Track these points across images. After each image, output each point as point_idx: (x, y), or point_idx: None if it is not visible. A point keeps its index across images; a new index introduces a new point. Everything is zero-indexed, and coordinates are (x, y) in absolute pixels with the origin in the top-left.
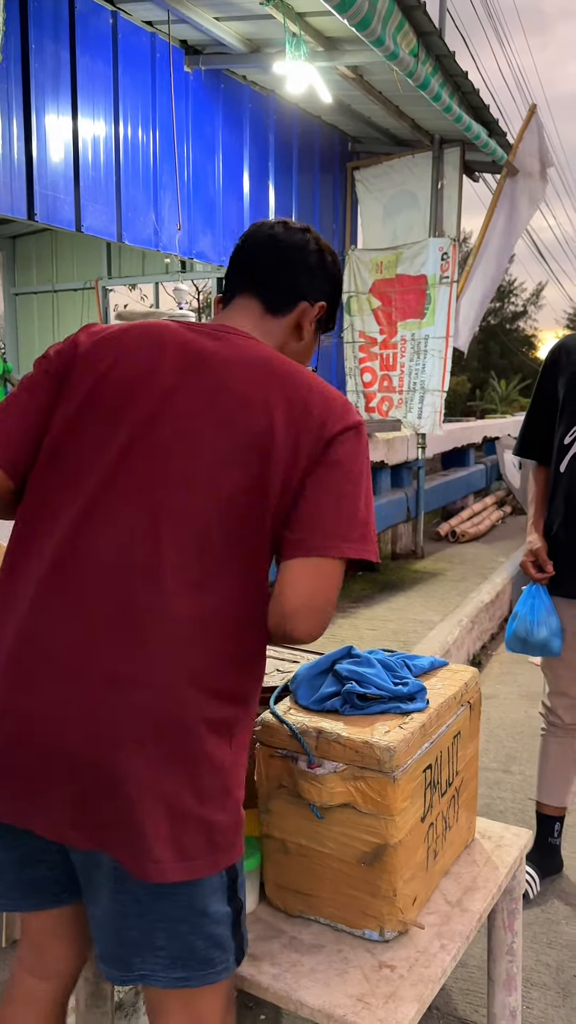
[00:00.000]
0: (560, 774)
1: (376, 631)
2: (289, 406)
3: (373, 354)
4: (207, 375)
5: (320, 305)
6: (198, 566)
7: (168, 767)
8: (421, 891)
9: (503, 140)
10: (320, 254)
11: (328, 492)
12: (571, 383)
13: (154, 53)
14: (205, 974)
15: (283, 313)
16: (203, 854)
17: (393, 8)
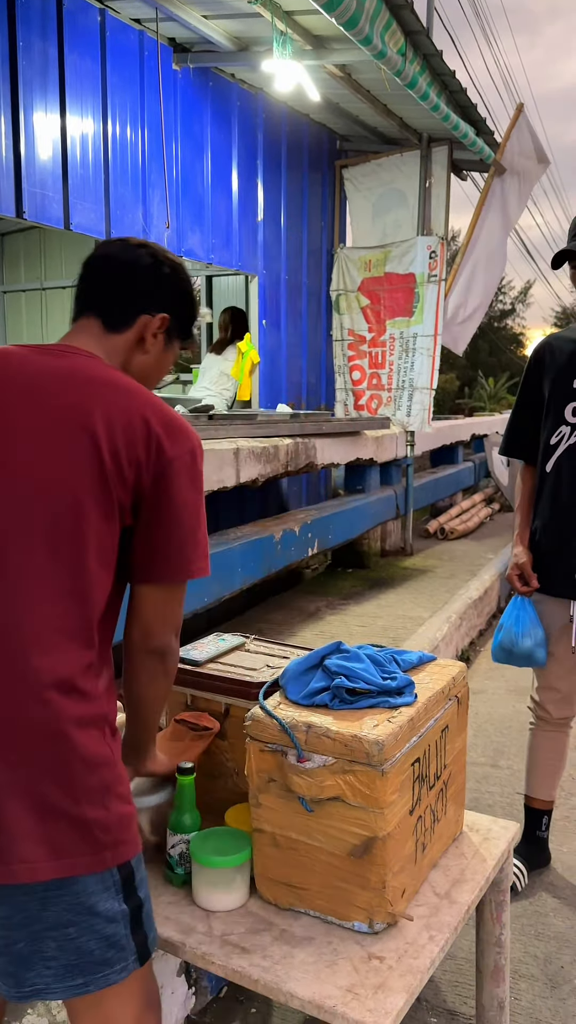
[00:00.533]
0: (548, 768)
1: (366, 628)
2: (115, 417)
3: (362, 352)
4: (38, 391)
5: (161, 317)
6: (42, 573)
7: (31, 768)
8: (410, 883)
9: (491, 139)
10: (156, 267)
11: (172, 519)
12: (556, 382)
13: (142, 51)
14: (104, 975)
15: (123, 329)
16: (81, 852)
17: (381, 7)
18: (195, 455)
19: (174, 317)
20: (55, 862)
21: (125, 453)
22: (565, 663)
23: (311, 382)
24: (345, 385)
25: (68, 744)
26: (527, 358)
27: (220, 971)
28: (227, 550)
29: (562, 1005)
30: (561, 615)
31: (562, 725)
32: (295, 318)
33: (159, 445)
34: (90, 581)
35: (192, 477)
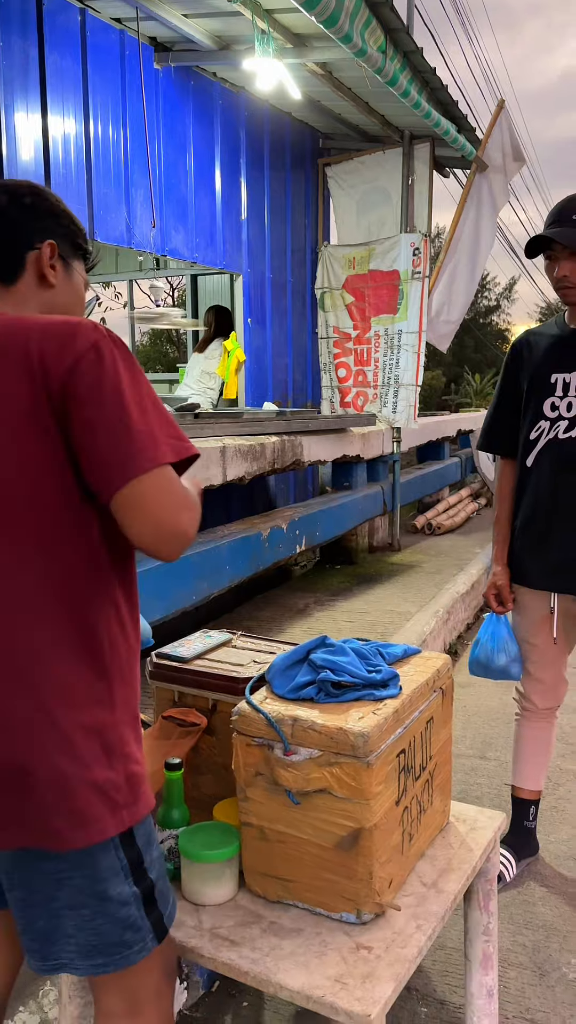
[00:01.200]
0: (534, 758)
1: (354, 623)
2: (25, 361)
3: (347, 349)
4: None
5: (48, 244)
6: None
7: (39, 743)
8: (397, 874)
9: (472, 136)
10: (16, 199)
11: (95, 424)
12: (534, 378)
13: (123, 50)
14: (123, 955)
15: (17, 276)
16: (100, 816)
17: (360, 5)
18: (99, 347)
19: (59, 239)
20: (81, 830)
21: (40, 385)
22: (547, 654)
23: (297, 380)
24: (331, 382)
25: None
26: (506, 354)
27: (210, 964)
28: (215, 548)
29: (550, 992)
30: (541, 607)
31: (547, 715)
32: (280, 316)
33: (57, 357)
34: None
35: (103, 369)
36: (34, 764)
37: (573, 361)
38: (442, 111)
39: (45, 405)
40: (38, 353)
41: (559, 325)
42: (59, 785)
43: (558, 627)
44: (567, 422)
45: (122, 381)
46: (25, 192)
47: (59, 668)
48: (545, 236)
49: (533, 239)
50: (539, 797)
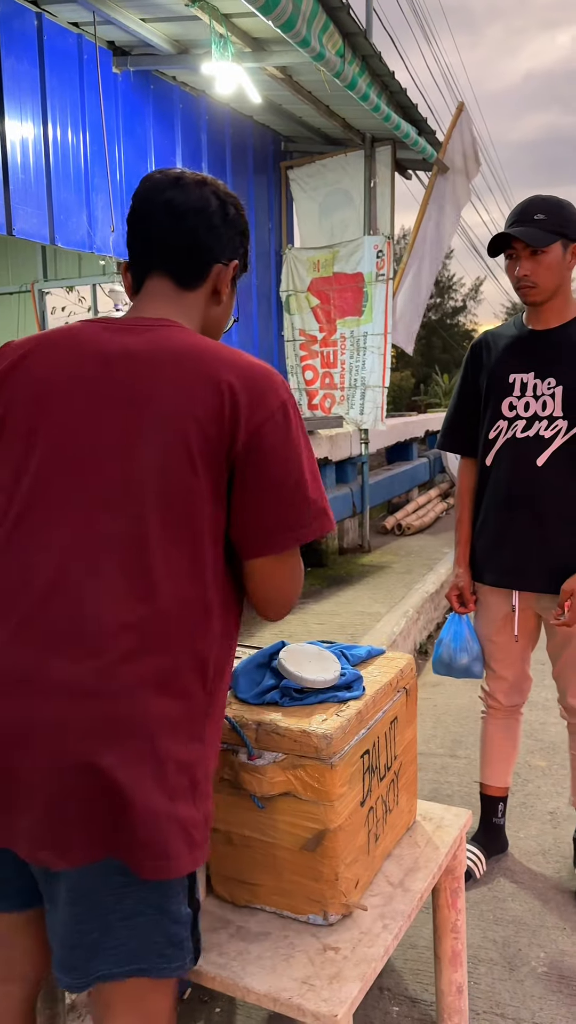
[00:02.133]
0: (501, 755)
1: (324, 625)
2: (215, 397)
3: (314, 352)
4: (129, 379)
5: (234, 265)
6: (137, 573)
7: (135, 768)
8: (363, 874)
9: (433, 138)
10: (223, 208)
11: (269, 485)
12: (492, 378)
13: (81, 54)
14: (162, 968)
15: (198, 284)
16: (182, 852)
17: (317, 9)
18: (286, 409)
19: (241, 259)
20: (161, 862)
21: (213, 429)
22: (510, 652)
23: None
24: (298, 385)
25: (161, 742)
26: (466, 354)
27: None
28: None
29: (520, 987)
30: (502, 605)
31: (512, 713)
32: (246, 319)
33: (249, 411)
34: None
35: (287, 433)
36: (127, 785)
37: (531, 361)
38: (402, 114)
39: (224, 447)
40: (230, 394)
41: (517, 326)
42: (149, 815)
43: (519, 625)
44: (524, 422)
45: (296, 449)
46: (229, 201)
47: (177, 692)
48: (506, 235)
49: (495, 238)
50: (507, 794)
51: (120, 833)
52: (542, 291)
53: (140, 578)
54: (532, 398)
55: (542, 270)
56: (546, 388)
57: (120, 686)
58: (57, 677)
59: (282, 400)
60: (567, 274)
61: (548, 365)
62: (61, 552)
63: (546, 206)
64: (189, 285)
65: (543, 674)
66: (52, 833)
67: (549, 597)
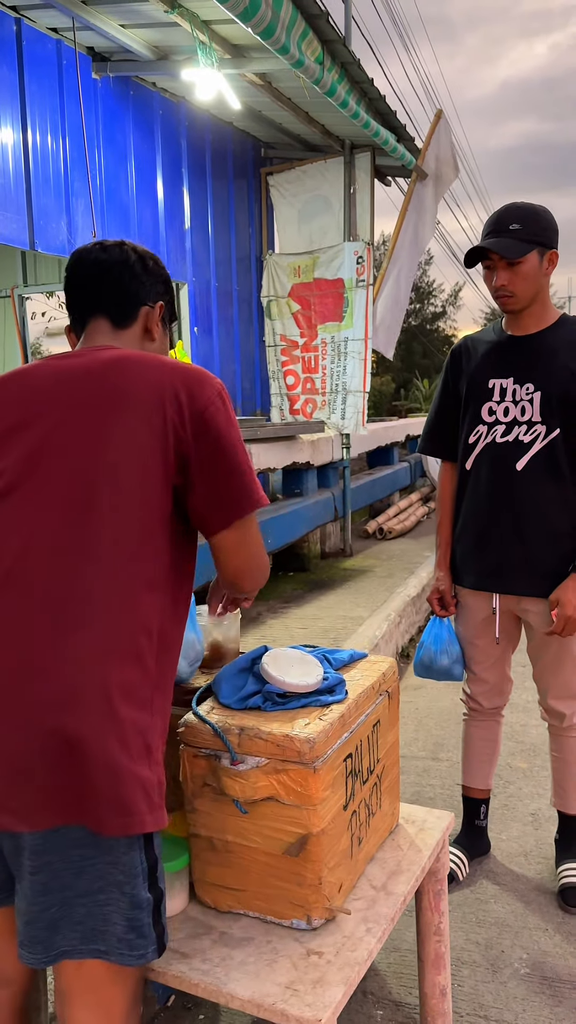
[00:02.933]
0: (483, 758)
1: (307, 629)
2: (160, 388)
3: (295, 357)
4: (80, 385)
5: (159, 305)
6: (104, 552)
7: (96, 727)
8: (346, 878)
9: (412, 145)
10: (143, 261)
11: (222, 461)
12: (472, 383)
13: (60, 60)
14: (122, 955)
15: (130, 323)
16: (142, 810)
17: (296, 16)
18: (223, 396)
19: (166, 304)
20: (123, 818)
21: (171, 419)
22: (491, 654)
23: (245, 388)
24: (280, 390)
25: (121, 706)
26: (446, 359)
27: (160, 977)
28: None
29: (503, 988)
30: (483, 608)
31: (494, 715)
32: (227, 325)
33: (190, 400)
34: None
35: (228, 415)
36: (92, 743)
37: (510, 366)
38: (381, 121)
39: (172, 436)
40: (172, 389)
41: (497, 331)
42: (112, 770)
43: (500, 627)
44: (504, 426)
45: (236, 430)
46: (147, 256)
47: (128, 661)
48: (483, 247)
49: (471, 250)
50: (489, 796)
51: (83, 791)
52: (520, 300)
53: (90, 559)
54: (511, 403)
55: (519, 280)
56: (524, 393)
57: (73, 654)
58: (16, 647)
59: (217, 388)
60: (544, 281)
61: (527, 370)
62: (24, 536)
63: (521, 215)
64: (123, 324)
65: (523, 676)
66: (15, 795)
67: (529, 600)
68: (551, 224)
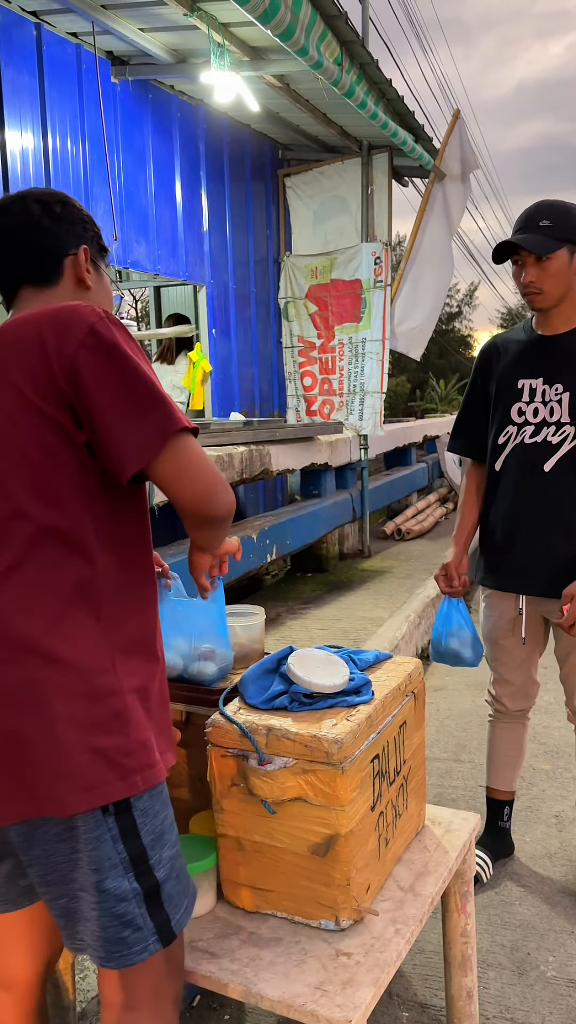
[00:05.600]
0: (507, 760)
1: (327, 630)
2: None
3: (312, 358)
4: None
5: (83, 249)
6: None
7: (33, 716)
8: (374, 879)
9: (429, 145)
10: (48, 210)
11: (113, 408)
12: (501, 382)
13: (80, 64)
14: (121, 955)
15: (57, 280)
16: (109, 779)
17: (315, 18)
18: (95, 331)
19: (89, 243)
20: (87, 793)
21: (37, 378)
22: (516, 656)
23: (263, 390)
24: (297, 391)
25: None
26: (476, 359)
27: (189, 977)
28: (185, 560)
29: (530, 991)
30: (509, 609)
31: (519, 717)
32: (245, 326)
33: (57, 347)
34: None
35: (105, 354)
36: (31, 730)
37: (539, 367)
38: (399, 121)
39: (54, 389)
40: (40, 339)
41: (527, 331)
42: (58, 750)
43: (527, 629)
44: (533, 427)
45: (123, 358)
46: (55, 201)
47: (57, 640)
48: (512, 242)
49: (500, 245)
50: (513, 798)
51: (36, 777)
52: (548, 297)
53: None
54: (540, 403)
55: (548, 277)
56: (554, 394)
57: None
58: None
59: (88, 324)
60: (574, 279)
61: (556, 371)
62: None
63: (552, 212)
64: (49, 282)
65: (545, 677)
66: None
67: (554, 601)
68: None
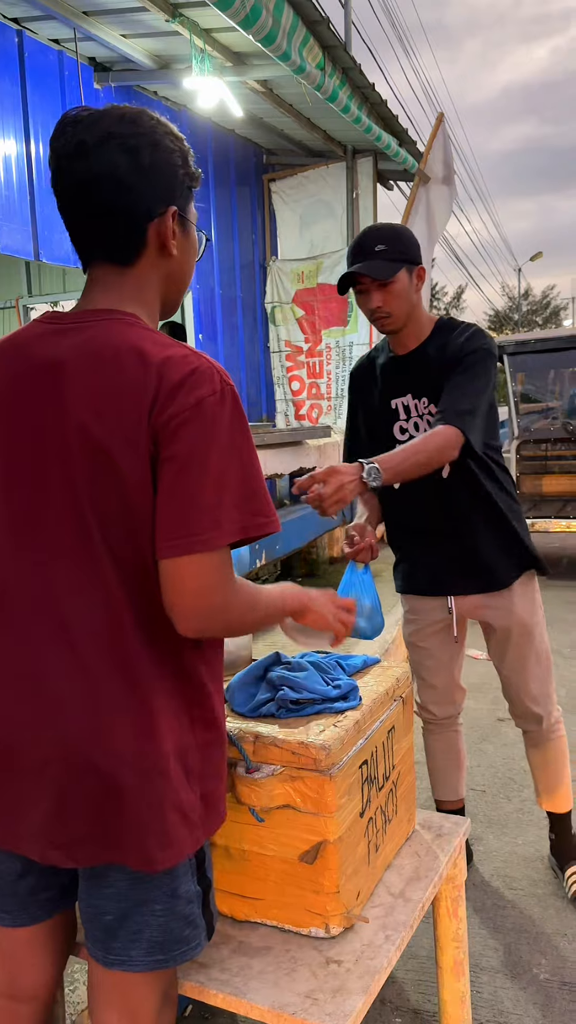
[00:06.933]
0: (449, 769)
1: None
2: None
3: (300, 362)
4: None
5: (171, 212)
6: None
7: (133, 766)
8: (364, 885)
9: (414, 149)
10: (135, 160)
11: (167, 489)
12: (374, 405)
13: (62, 70)
14: (182, 952)
15: (139, 255)
16: (182, 837)
17: (297, 23)
18: (202, 406)
19: (181, 194)
20: (167, 851)
21: (138, 441)
22: (440, 658)
23: (251, 394)
24: (285, 396)
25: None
26: (349, 381)
27: (180, 989)
28: None
29: (523, 994)
30: (436, 611)
31: (449, 725)
32: (232, 331)
33: (160, 405)
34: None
35: (196, 434)
36: (129, 782)
37: (403, 385)
38: (383, 125)
39: (146, 439)
40: (160, 395)
41: (385, 352)
42: (153, 806)
43: (458, 625)
44: None
45: (211, 447)
46: (145, 143)
47: (164, 690)
48: (353, 272)
49: (342, 277)
50: (463, 804)
51: (122, 832)
52: (397, 319)
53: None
54: (418, 418)
55: (393, 299)
56: (424, 407)
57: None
58: (52, 678)
59: (198, 396)
60: (417, 297)
61: (419, 386)
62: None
63: (383, 236)
64: (129, 260)
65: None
66: (61, 831)
67: (485, 596)
68: (413, 241)
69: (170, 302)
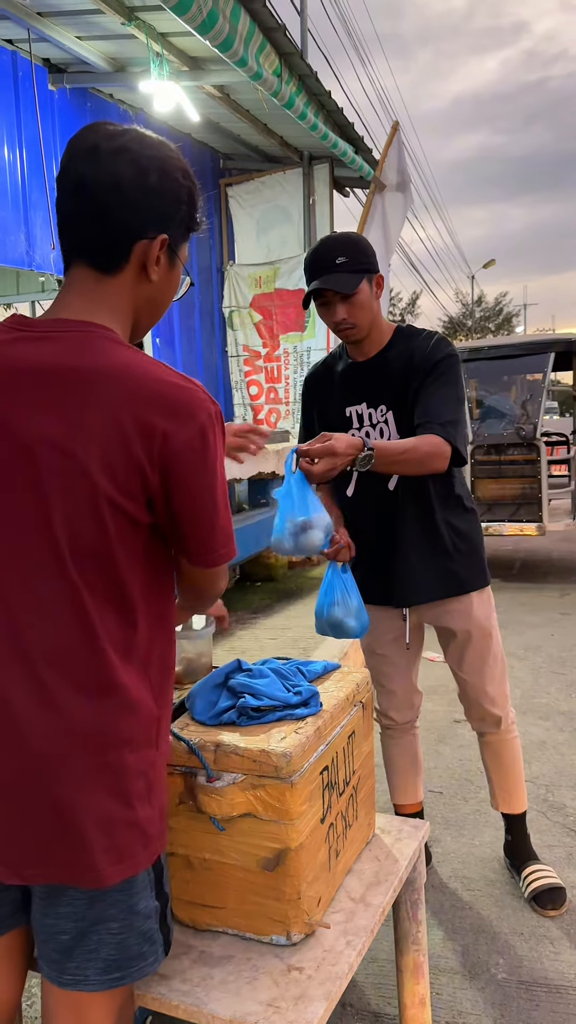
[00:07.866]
0: (407, 774)
1: (277, 640)
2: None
3: (258, 367)
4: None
5: (161, 239)
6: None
7: (94, 783)
8: (325, 891)
9: (369, 156)
10: (141, 178)
11: (186, 513)
12: (328, 413)
13: (16, 71)
14: (139, 968)
15: (120, 267)
16: (136, 852)
17: (254, 29)
18: (204, 434)
19: (174, 228)
20: (118, 866)
21: (120, 466)
22: (398, 664)
23: None
24: (243, 400)
25: (122, 757)
26: (303, 389)
27: (139, 1000)
28: None
29: (481, 994)
30: (391, 619)
31: (408, 730)
32: (189, 335)
33: (162, 437)
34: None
35: (203, 460)
36: (82, 802)
37: (360, 393)
38: (339, 133)
39: (138, 475)
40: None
41: (341, 359)
42: (105, 825)
43: (411, 634)
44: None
45: (217, 475)
46: (151, 168)
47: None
48: (318, 288)
49: (308, 293)
50: (421, 807)
51: (76, 851)
52: (361, 329)
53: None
54: (370, 427)
55: (356, 310)
56: (379, 415)
57: (63, 705)
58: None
59: (200, 426)
60: (377, 305)
61: (376, 393)
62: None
63: (343, 248)
64: (109, 269)
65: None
66: (11, 847)
67: (443, 602)
68: (371, 249)
69: (140, 326)
